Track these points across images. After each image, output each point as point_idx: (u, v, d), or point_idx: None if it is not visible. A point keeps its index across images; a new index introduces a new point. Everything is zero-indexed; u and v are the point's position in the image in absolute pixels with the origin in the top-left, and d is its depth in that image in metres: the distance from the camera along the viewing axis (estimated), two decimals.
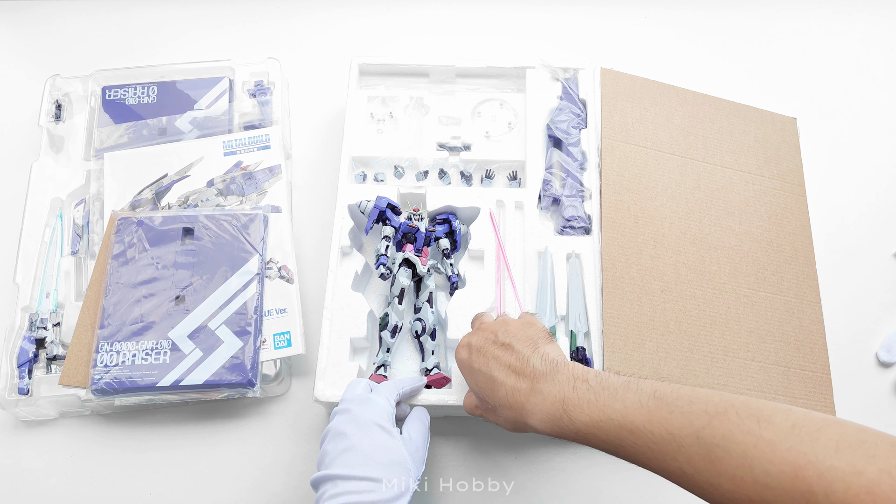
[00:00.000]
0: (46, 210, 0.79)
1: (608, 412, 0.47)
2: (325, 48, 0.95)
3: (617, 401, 0.47)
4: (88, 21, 0.97)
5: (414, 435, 0.58)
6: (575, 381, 0.50)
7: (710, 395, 0.44)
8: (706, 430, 0.42)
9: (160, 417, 0.73)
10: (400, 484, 0.53)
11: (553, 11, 0.98)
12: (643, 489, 0.69)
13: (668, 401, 0.45)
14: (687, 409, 0.44)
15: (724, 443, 0.41)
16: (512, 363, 0.55)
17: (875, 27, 0.97)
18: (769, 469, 0.39)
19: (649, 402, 0.46)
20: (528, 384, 0.53)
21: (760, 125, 0.84)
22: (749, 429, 0.41)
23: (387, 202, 0.74)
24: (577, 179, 0.77)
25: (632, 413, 0.46)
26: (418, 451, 0.57)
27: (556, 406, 0.50)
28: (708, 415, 0.43)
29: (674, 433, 0.44)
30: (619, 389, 0.48)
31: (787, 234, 0.78)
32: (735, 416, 0.42)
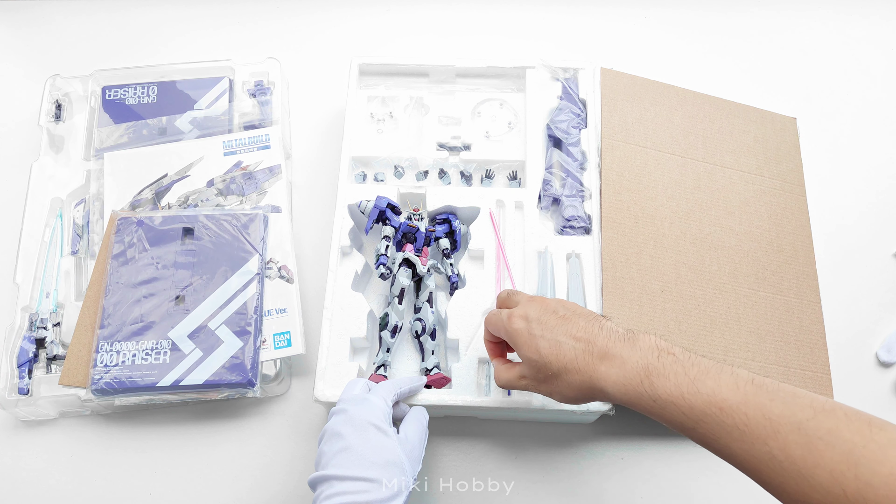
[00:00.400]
0: (46, 210, 0.79)
1: (698, 386, 0.46)
2: (325, 48, 0.95)
3: (710, 378, 0.46)
4: (88, 21, 0.98)
5: (410, 434, 0.58)
6: (660, 351, 0.49)
7: (815, 395, 0.43)
8: (810, 423, 0.41)
9: (160, 417, 0.73)
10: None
11: (553, 11, 0.98)
12: (643, 489, 0.69)
13: (769, 389, 0.44)
14: (790, 401, 0.43)
15: (829, 437, 0.40)
16: (579, 331, 0.53)
17: (875, 27, 0.97)
18: (877, 469, 0.38)
19: (747, 387, 0.45)
20: (602, 349, 0.51)
21: (760, 125, 0.84)
22: (859, 430, 0.40)
23: (387, 202, 0.74)
24: (577, 179, 0.77)
25: (725, 392, 0.45)
26: (414, 451, 0.57)
27: (637, 371, 0.49)
28: (814, 409, 0.42)
29: (772, 419, 0.42)
30: (711, 369, 0.47)
31: (787, 234, 0.78)
32: (844, 416, 0.41)
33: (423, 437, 0.60)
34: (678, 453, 0.70)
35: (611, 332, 0.53)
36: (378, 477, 0.52)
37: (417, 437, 0.59)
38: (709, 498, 0.68)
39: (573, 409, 0.65)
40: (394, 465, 0.53)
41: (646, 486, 0.69)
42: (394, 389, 0.61)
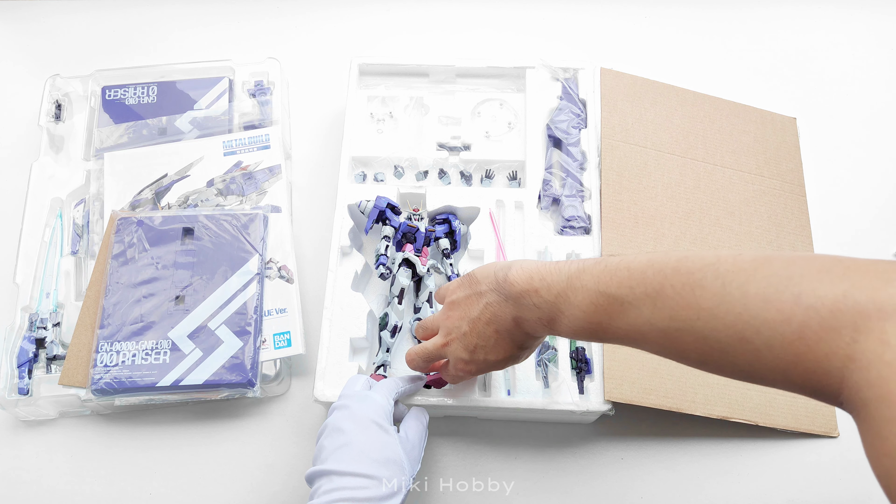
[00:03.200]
0: (46, 210, 0.79)
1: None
2: (325, 48, 0.95)
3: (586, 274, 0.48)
4: (88, 21, 0.98)
5: (411, 434, 0.58)
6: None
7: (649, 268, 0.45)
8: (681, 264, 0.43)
9: (160, 417, 0.73)
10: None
11: (553, 11, 0.98)
12: (643, 489, 0.69)
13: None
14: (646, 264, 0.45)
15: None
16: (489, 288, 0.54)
17: (875, 27, 0.97)
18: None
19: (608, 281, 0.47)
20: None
21: (760, 125, 0.84)
22: (688, 302, 0.42)
23: (387, 202, 0.74)
24: (576, 179, 0.77)
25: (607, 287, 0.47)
26: (414, 451, 0.57)
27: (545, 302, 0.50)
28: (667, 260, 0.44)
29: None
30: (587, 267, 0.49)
31: (787, 234, 0.78)
32: (672, 291, 0.43)
33: (423, 438, 0.60)
34: (678, 453, 0.70)
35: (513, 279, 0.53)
36: (378, 474, 0.52)
37: (417, 436, 0.59)
38: (709, 497, 0.68)
39: (573, 409, 0.65)
40: (394, 463, 0.53)
41: (646, 486, 0.69)
42: (394, 388, 0.61)
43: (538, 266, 0.51)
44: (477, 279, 0.56)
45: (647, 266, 0.45)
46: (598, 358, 0.68)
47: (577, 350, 0.69)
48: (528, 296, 0.51)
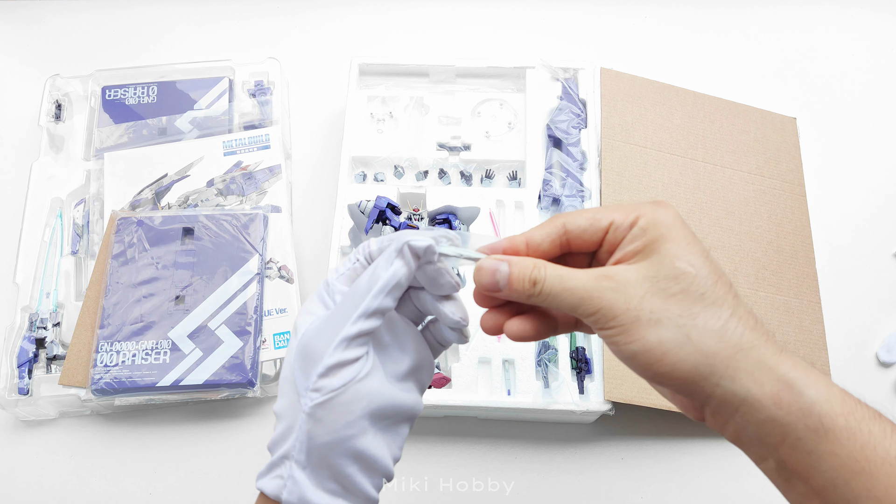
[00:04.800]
0: (46, 210, 0.79)
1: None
2: (325, 48, 0.95)
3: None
4: (88, 21, 0.97)
5: (330, 309, 0.38)
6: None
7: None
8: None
9: (160, 417, 0.73)
10: (286, 410, 0.38)
11: (553, 11, 0.98)
12: (643, 489, 0.69)
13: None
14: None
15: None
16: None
17: (875, 27, 0.97)
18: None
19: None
20: (762, 335, 0.35)
21: (760, 125, 0.84)
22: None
23: (387, 202, 0.74)
24: (577, 179, 0.77)
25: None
26: (317, 338, 0.37)
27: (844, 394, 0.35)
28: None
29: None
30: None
31: (787, 234, 0.78)
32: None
33: (353, 299, 0.37)
34: (678, 453, 0.70)
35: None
36: (276, 407, 0.39)
37: (339, 305, 0.37)
38: (709, 497, 0.68)
39: (573, 409, 0.65)
40: (286, 381, 0.38)
41: (646, 486, 0.69)
42: (351, 258, 0.40)
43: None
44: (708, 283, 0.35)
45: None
46: (598, 358, 0.68)
47: (577, 350, 0.69)
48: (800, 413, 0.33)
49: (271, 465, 0.38)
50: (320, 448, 0.36)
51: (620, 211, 0.37)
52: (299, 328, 0.38)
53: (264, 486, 0.38)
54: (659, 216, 0.36)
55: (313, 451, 0.36)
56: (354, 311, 0.36)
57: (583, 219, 0.37)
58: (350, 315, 0.36)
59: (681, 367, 0.34)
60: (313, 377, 0.36)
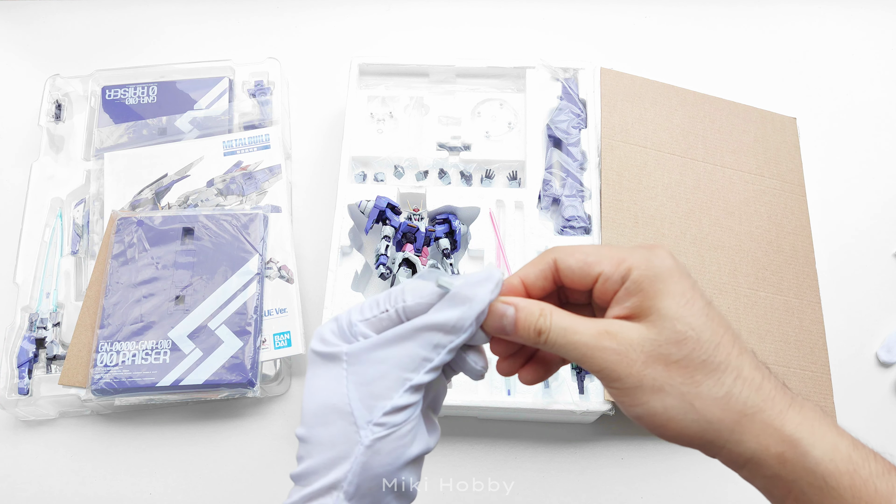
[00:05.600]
0: (46, 210, 0.79)
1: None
2: (325, 48, 0.95)
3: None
4: (88, 21, 0.97)
5: (390, 342, 0.37)
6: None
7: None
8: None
9: (160, 417, 0.73)
10: (332, 438, 0.37)
11: (553, 10, 0.98)
12: (643, 489, 0.69)
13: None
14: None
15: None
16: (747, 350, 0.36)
17: (875, 27, 0.97)
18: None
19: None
20: (787, 393, 0.35)
21: (760, 125, 0.84)
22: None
23: (387, 202, 0.74)
24: (577, 179, 0.77)
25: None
26: (382, 380, 0.37)
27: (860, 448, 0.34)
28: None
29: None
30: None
31: (787, 234, 0.78)
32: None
33: (420, 347, 0.37)
34: (678, 453, 0.70)
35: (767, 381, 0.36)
36: (309, 434, 0.38)
37: (405, 346, 0.37)
38: (709, 497, 0.68)
39: (573, 409, 0.65)
40: (333, 410, 0.37)
41: (646, 486, 0.69)
42: (381, 305, 0.39)
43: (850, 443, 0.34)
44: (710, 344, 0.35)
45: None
46: None
47: None
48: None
49: (312, 494, 0.37)
50: (370, 480, 0.37)
51: (611, 260, 0.36)
52: (326, 350, 0.39)
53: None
54: (653, 267, 0.35)
55: (363, 483, 0.37)
56: (426, 363, 0.37)
57: (574, 260, 0.37)
58: (418, 364, 0.37)
59: (686, 432, 0.35)
60: (378, 413, 0.37)
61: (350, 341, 0.38)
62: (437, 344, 0.36)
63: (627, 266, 0.36)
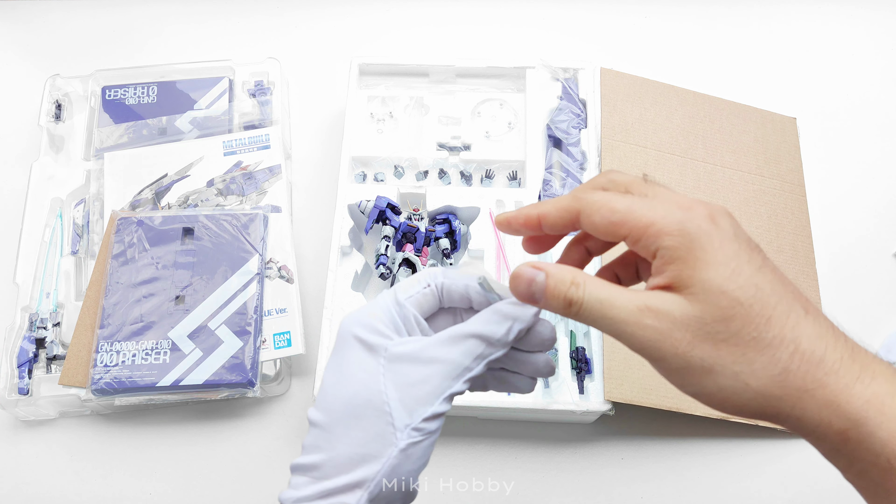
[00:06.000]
0: (46, 210, 0.79)
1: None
2: (325, 48, 0.95)
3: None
4: (88, 21, 0.97)
5: (434, 347, 0.37)
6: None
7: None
8: None
9: (160, 417, 0.73)
10: (362, 437, 0.36)
11: (553, 10, 0.98)
12: (643, 489, 0.69)
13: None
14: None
15: None
16: (809, 304, 0.34)
17: (875, 27, 0.97)
18: None
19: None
20: (858, 352, 0.34)
21: (760, 125, 0.84)
22: None
23: (387, 202, 0.74)
24: (577, 179, 0.77)
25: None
26: (427, 382, 0.36)
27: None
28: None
29: None
30: None
31: (787, 234, 0.78)
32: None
33: (463, 356, 0.36)
34: (678, 453, 0.70)
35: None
36: (331, 424, 0.36)
37: (450, 352, 0.36)
38: (709, 497, 0.68)
39: (573, 409, 0.65)
40: (368, 405, 0.36)
41: (646, 486, 0.69)
42: (421, 281, 0.39)
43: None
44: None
45: None
46: (598, 358, 0.68)
47: (577, 350, 0.69)
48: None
49: (333, 490, 0.36)
50: (395, 483, 0.36)
51: (638, 222, 0.33)
52: (368, 339, 0.37)
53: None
54: (687, 233, 0.32)
55: (388, 484, 0.36)
56: (466, 372, 0.36)
57: (599, 217, 0.34)
58: (460, 373, 0.36)
59: (746, 408, 0.33)
60: (418, 418, 0.36)
61: (399, 327, 0.38)
62: (479, 354, 0.36)
63: (656, 231, 0.32)
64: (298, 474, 0.37)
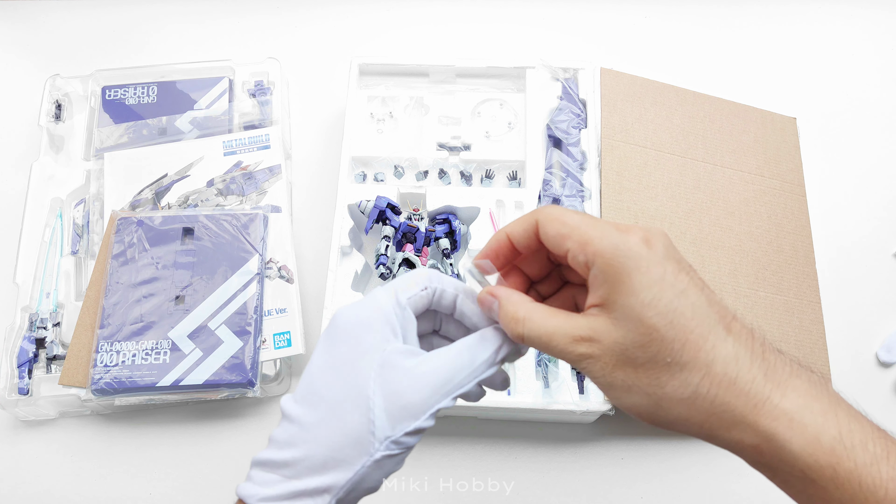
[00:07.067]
0: (46, 210, 0.79)
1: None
2: (325, 48, 0.95)
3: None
4: (88, 21, 0.97)
5: (433, 366, 0.37)
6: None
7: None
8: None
9: (160, 417, 0.73)
10: (343, 442, 0.35)
11: (553, 10, 0.98)
12: (643, 489, 0.69)
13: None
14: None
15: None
16: (731, 317, 0.35)
17: (875, 27, 0.97)
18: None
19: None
20: (776, 367, 0.35)
21: (760, 125, 0.84)
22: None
23: (387, 202, 0.74)
24: (577, 179, 0.77)
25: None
26: (418, 394, 0.36)
27: (863, 433, 0.34)
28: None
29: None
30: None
31: (787, 234, 0.78)
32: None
33: (456, 379, 0.37)
34: (678, 453, 0.70)
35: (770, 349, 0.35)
36: (308, 420, 0.36)
37: (442, 373, 0.37)
38: (709, 497, 0.68)
39: (573, 409, 0.65)
40: (353, 408, 0.35)
41: (646, 486, 0.69)
42: (420, 283, 0.39)
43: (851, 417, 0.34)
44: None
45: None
46: None
47: None
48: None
49: (303, 492, 0.35)
50: (363, 491, 0.36)
51: (579, 239, 0.35)
52: (368, 342, 0.37)
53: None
54: (618, 256, 0.34)
55: (355, 492, 0.36)
56: (456, 389, 0.37)
57: (550, 228, 0.36)
58: (449, 390, 0.37)
59: (663, 425, 0.36)
60: (400, 431, 0.36)
61: (396, 329, 0.38)
62: (472, 373, 0.37)
63: (592, 250, 0.34)
64: (265, 470, 0.37)
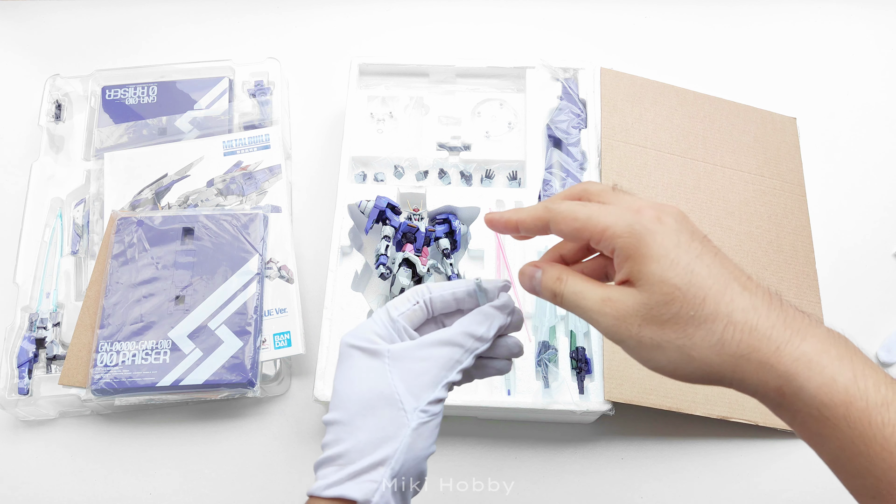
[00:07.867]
0: (46, 210, 0.79)
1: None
2: (325, 48, 0.95)
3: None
4: (88, 21, 0.98)
5: (425, 350, 0.43)
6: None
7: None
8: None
9: (160, 417, 0.73)
10: (379, 425, 0.41)
11: (553, 10, 0.98)
12: (643, 489, 0.69)
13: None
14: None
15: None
16: (745, 277, 0.39)
17: (875, 27, 0.97)
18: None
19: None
20: (794, 316, 0.37)
21: (760, 125, 0.84)
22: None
23: (387, 202, 0.74)
24: (577, 179, 0.77)
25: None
26: (425, 374, 0.43)
27: (875, 375, 0.36)
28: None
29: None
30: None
31: (787, 234, 0.78)
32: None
33: (455, 350, 0.44)
34: (678, 453, 0.70)
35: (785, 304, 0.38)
36: (349, 418, 0.42)
37: (444, 348, 0.43)
38: (709, 497, 0.68)
39: (573, 409, 0.65)
40: (380, 397, 0.42)
41: (646, 486, 0.69)
42: (411, 298, 0.46)
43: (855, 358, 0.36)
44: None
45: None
46: (599, 358, 0.68)
47: (578, 350, 0.69)
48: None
49: (359, 471, 0.40)
50: (412, 459, 0.42)
51: (595, 228, 0.39)
52: (370, 347, 0.44)
53: (349, 492, 0.40)
54: (635, 233, 0.38)
55: (407, 461, 0.41)
56: (458, 364, 0.43)
57: (565, 226, 0.40)
58: (453, 365, 0.43)
59: (694, 376, 0.38)
60: (423, 401, 0.42)
61: (393, 337, 0.44)
62: (468, 348, 0.43)
63: (611, 233, 0.38)
64: (324, 467, 0.42)
